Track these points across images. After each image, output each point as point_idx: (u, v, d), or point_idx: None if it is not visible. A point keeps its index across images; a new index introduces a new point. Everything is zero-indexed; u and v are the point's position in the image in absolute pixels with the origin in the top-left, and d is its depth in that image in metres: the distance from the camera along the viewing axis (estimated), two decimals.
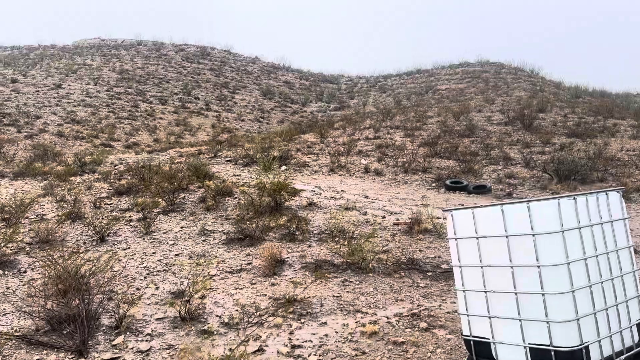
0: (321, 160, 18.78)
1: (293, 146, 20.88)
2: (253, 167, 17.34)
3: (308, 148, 20.56)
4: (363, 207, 11.30)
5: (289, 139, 22.31)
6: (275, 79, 50.02)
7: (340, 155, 18.84)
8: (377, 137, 21.95)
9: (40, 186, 14.32)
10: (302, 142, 21.81)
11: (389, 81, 50.41)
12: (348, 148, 19.82)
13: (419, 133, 22.17)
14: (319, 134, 22.85)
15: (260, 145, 20.11)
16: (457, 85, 40.88)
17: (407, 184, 15.39)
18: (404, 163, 17.20)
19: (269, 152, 18.68)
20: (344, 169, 17.41)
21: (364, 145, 20.97)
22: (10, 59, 43.69)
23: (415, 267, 7.45)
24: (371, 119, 27.50)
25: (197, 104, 36.95)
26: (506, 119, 23.20)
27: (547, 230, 3.52)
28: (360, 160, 18.43)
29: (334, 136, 22.74)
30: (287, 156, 18.75)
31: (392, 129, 23.44)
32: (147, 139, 27.76)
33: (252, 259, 8.17)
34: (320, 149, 20.51)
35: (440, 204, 12.13)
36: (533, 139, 19.42)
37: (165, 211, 11.41)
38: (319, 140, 21.97)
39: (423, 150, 18.88)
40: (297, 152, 19.93)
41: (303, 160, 18.57)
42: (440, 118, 25.13)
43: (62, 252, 8.72)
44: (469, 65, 48.81)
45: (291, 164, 18.12)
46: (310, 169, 17.69)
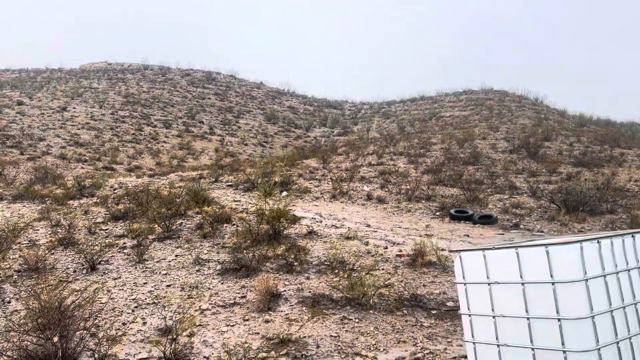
0: (323, 186, 18.42)
1: (295, 171, 20.57)
2: (254, 192, 16.99)
3: (310, 173, 20.25)
4: (365, 236, 10.87)
5: (292, 164, 22.03)
6: (279, 104, 50.09)
7: (343, 182, 18.48)
8: (380, 164, 21.64)
9: (37, 210, 13.98)
10: (305, 167, 21.52)
11: (392, 107, 50.38)
12: (350, 174, 19.49)
13: (422, 160, 21.83)
14: (321, 159, 22.59)
15: (261, 170, 19.81)
16: (461, 112, 40.73)
17: (410, 212, 14.97)
18: (408, 190, 16.81)
19: (270, 177, 18.36)
20: (346, 196, 17.03)
21: (366, 171, 20.66)
22: (17, 81, 43.94)
23: (419, 304, 6.99)
24: (374, 144, 27.22)
25: (201, 128, 36.84)
26: (511, 147, 22.86)
27: (568, 278, 3.10)
28: (362, 187, 18.06)
29: (336, 162, 22.45)
30: (288, 182, 18.41)
31: (396, 155, 23.13)
32: (150, 163, 27.52)
33: (246, 291, 7.73)
34: (323, 174, 20.19)
35: (445, 234, 11.68)
36: (539, 168, 19.03)
37: (161, 238, 11.00)
38: (321, 166, 21.67)
39: (427, 178, 18.50)
40: (299, 178, 19.61)
41: (305, 186, 18.21)
42: (444, 145, 24.82)
43: (49, 282, 8.31)
44: (473, 92, 48.79)
45: (292, 190, 17.76)
46: (312, 195, 17.31)
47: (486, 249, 3.51)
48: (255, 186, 17.40)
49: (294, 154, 26.56)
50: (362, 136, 36.89)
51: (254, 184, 17.74)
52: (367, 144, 27.28)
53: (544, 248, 3.20)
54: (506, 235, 11.79)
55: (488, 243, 10.66)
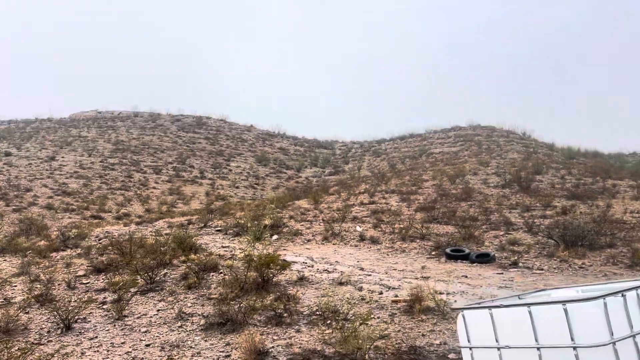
0: (315, 227, 17.88)
1: (286, 213, 20.08)
2: (244, 236, 16.42)
3: (301, 215, 19.75)
4: (358, 281, 10.30)
5: (283, 206, 21.57)
6: (270, 145, 50.02)
7: (335, 223, 17.97)
8: (373, 202, 21.21)
9: (18, 264, 13.31)
10: (296, 208, 21.05)
11: (382, 146, 50.41)
12: (343, 214, 19.00)
13: (415, 197, 21.42)
14: (313, 200, 22.16)
15: (251, 214, 19.30)
16: (450, 148, 40.72)
17: (405, 252, 14.42)
18: (401, 230, 16.31)
19: (260, 220, 17.82)
20: (339, 237, 16.47)
21: (359, 211, 20.18)
22: (6, 132, 43.63)
23: (418, 358, 6.39)
24: (366, 183, 26.87)
25: (192, 172, 36.43)
26: (503, 181, 22.56)
27: (592, 341, 2.60)
28: (355, 227, 17.53)
29: (328, 202, 22.00)
30: (279, 224, 17.87)
31: (388, 193, 22.74)
32: (139, 209, 26.92)
33: (231, 349, 7.10)
34: (314, 215, 19.69)
35: (442, 275, 11.13)
36: (533, 202, 18.65)
37: (143, 291, 10.36)
38: (313, 207, 21.20)
39: (420, 216, 18.03)
40: (290, 220, 19.08)
41: (296, 229, 17.66)
42: (435, 181, 24.49)
43: (18, 345, 7.63)
44: (461, 129, 49.04)
45: (283, 233, 17.20)
46: (303, 238, 16.75)
47: (493, 307, 3.01)
48: (245, 230, 16.85)
49: (285, 195, 26.13)
50: (353, 175, 36.74)
51: (244, 228, 17.19)
52: (358, 183, 26.92)
53: (561, 306, 2.71)
54: (505, 275, 11.26)
55: (488, 285, 10.10)
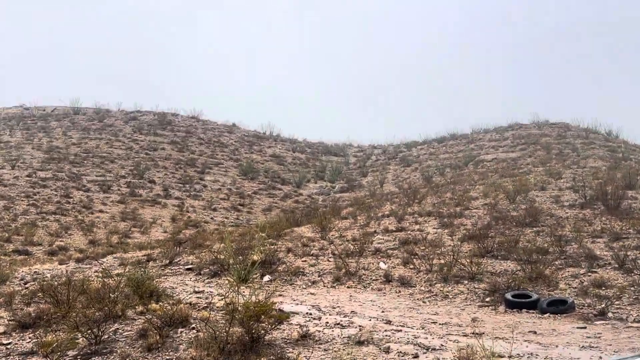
0: (322, 264, 17.77)
1: (282, 244, 20.02)
2: (224, 277, 16.33)
3: (304, 247, 19.73)
4: (384, 339, 10.14)
5: (277, 235, 21.55)
6: (259, 152, 50.06)
7: (350, 257, 17.85)
8: (402, 229, 21.15)
9: None
10: (296, 238, 21.05)
11: (413, 151, 50.36)
12: (360, 246, 18.91)
13: (459, 222, 21.30)
14: (319, 226, 22.17)
15: (235, 246, 19.26)
16: (507, 154, 40.67)
17: (448, 298, 14.24)
18: (442, 267, 16.14)
19: (247, 255, 17.74)
20: (355, 278, 16.34)
21: (382, 241, 20.17)
22: None
23: None
24: (392, 202, 26.73)
25: (152, 189, 36.46)
26: (582, 199, 22.39)
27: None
28: (378, 264, 17.40)
29: (340, 229, 21.93)
30: (273, 260, 17.78)
31: (422, 216, 22.60)
32: (80, 241, 26.92)
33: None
34: (321, 247, 19.63)
35: (502, 331, 10.94)
36: (624, 228, 18.45)
37: (86, 354, 10.24)
38: (319, 236, 21.18)
39: (468, 247, 17.88)
40: (288, 254, 19.03)
41: (296, 266, 17.57)
42: (488, 200, 24.36)
43: None
44: (522, 127, 49.08)
45: (279, 272, 17.09)
46: (307, 279, 16.63)
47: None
48: (226, 269, 16.75)
49: (280, 220, 26.02)
50: (374, 191, 36.60)
51: (224, 266, 17.09)
52: (381, 202, 26.76)
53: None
54: (590, 330, 11.06)
55: (566, 344, 9.91)
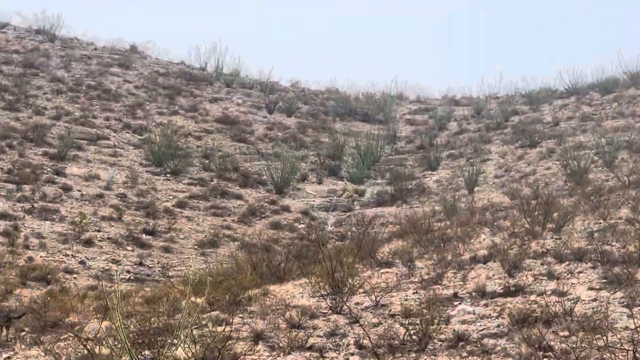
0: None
1: (244, 324, 12.21)
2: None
3: (292, 330, 12.04)
4: None
5: (233, 301, 13.43)
6: (192, 111, 33.52)
7: (398, 355, 10.82)
8: (516, 290, 13.15)
9: None
10: (275, 308, 13.03)
11: (545, 111, 34.14)
12: (422, 329, 11.21)
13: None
14: (326, 282, 13.88)
15: (134, 328, 11.30)
16: None
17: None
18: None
19: (160, 350, 10.50)
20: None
21: (471, 318, 12.33)
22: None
23: None
24: (494, 229, 17.15)
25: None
26: None
27: None
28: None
29: (375, 288, 13.31)
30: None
31: (563, 260, 13.86)
32: None
33: None
34: (332, 331, 11.94)
35: None
36: None
37: None
38: (326, 304, 12.94)
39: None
40: (257, 346, 11.48)
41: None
42: None
43: None
44: None
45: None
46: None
47: None
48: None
49: (239, 267, 16.39)
50: (453, 204, 22.61)
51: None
52: (470, 229, 17.14)
53: None
54: None
55: None
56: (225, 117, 32.88)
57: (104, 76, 35.01)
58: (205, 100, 35.09)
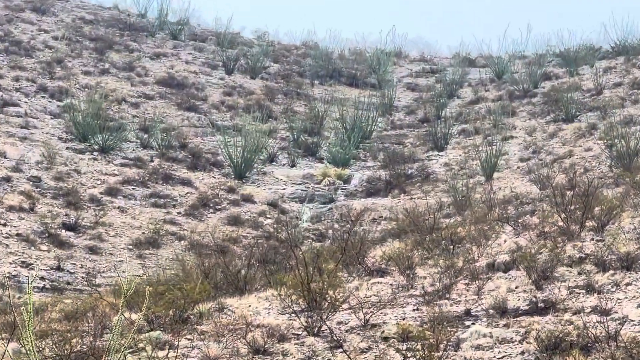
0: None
1: (192, 348, 10.39)
2: None
3: (254, 357, 10.36)
4: None
5: (179, 319, 11.90)
6: (127, 70, 29.80)
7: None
8: (545, 307, 11.23)
9: None
10: (233, 327, 11.17)
11: (583, 72, 30.36)
12: (426, 355, 9.73)
13: None
14: (300, 294, 12.19)
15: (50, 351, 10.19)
16: None
17: None
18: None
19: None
20: None
21: (487, 342, 10.11)
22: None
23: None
24: (518, 227, 14.92)
25: None
26: None
27: None
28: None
29: (365, 302, 11.68)
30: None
31: (607, 269, 11.84)
32: None
33: None
34: (308, 358, 10.30)
35: None
36: None
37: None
38: (299, 323, 11.34)
39: None
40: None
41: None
42: None
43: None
44: None
45: None
46: None
47: None
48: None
49: (187, 274, 14.35)
50: (466, 195, 20.36)
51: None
52: (487, 228, 15.10)
53: None
54: None
55: None
56: (171, 78, 28.49)
57: (13, 24, 30.39)
58: (145, 57, 30.97)
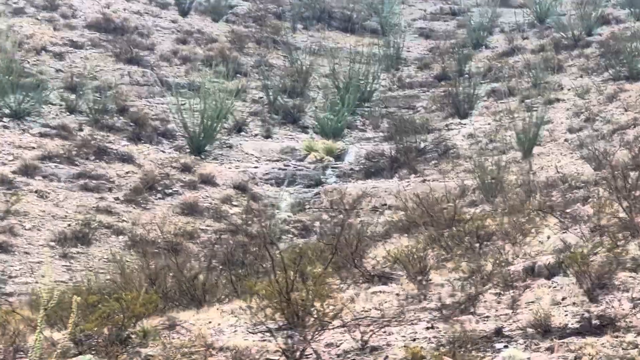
0: None
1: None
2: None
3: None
4: None
5: (113, 337, 8.16)
6: None
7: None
8: (602, 325, 7.81)
9: None
10: (187, 347, 7.90)
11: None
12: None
13: None
14: (278, 300, 8.82)
15: None
16: None
17: None
18: None
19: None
20: None
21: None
22: None
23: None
24: (563, 216, 11.53)
25: None
26: None
27: None
28: None
29: (365, 314, 8.75)
30: None
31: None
32: None
33: None
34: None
35: None
36: None
37: None
38: (279, 343, 7.85)
39: None
40: None
41: None
42: None
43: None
44: None
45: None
46: None
47: None
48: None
49: (127, 280, 10.63)
50: (497, 176, 16.36)
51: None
52: (524, 217, 11.98)
53: None
54: None
55: None
56: (106, 20, 22.73)
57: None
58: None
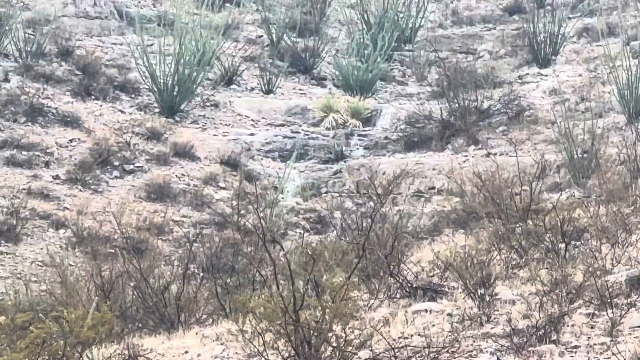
0: None
1: None
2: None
3: None
4: None
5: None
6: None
7: None
8: None
9: None
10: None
11: None
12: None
13: None
14: (282, 322, 5.25)
15: None
16: None
17: None
18: None
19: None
20: None
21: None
22: None
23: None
24: None
25: None
26: None
27: None
28: None
29: (405, 342, 5.60)
30: None
31: None
32: None
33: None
34: None
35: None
36: None
37: None
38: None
39: None
40: None
41: None
42: None
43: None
44: None
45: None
46: None
47: None
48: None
49: (69, 288, 8.05)
50: (590, 148, 12.46)
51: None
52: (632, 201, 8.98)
53: None
54: None
55: None
56: None
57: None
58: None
